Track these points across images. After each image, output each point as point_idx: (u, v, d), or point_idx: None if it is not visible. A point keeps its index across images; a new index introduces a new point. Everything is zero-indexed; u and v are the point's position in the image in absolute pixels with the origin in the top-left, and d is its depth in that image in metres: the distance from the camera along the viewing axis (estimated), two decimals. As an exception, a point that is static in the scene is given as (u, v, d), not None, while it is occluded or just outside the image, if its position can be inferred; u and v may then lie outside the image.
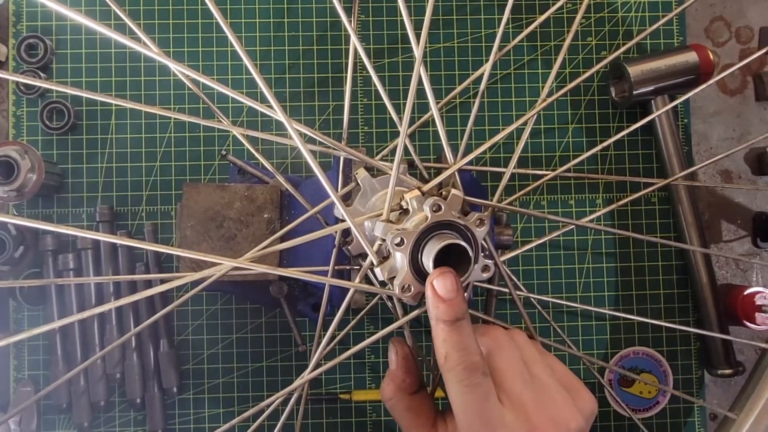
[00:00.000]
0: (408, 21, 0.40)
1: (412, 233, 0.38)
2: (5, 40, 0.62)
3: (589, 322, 0.64)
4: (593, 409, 0.41)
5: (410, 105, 0.39)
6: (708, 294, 0.63)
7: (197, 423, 0.61)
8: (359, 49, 0.41)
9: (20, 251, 0.58)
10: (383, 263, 0.40)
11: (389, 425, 0.62)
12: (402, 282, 0.39)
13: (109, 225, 0.61)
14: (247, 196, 0.51)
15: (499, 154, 0.65)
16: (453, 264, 0.38)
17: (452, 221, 0.39)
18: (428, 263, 0.38)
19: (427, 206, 0.38)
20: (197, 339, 0.62)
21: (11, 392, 0.60)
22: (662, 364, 0.64)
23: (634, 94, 0.61)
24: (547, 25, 0.66)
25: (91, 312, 0.37)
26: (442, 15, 0.65)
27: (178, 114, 0.38)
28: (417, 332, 0.63)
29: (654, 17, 0.67)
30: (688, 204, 0.63)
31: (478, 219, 0.39)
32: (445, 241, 0.37)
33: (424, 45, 0.40)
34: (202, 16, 0.64)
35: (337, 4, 0.40)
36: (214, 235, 0.50)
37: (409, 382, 0.42)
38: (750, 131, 0.67)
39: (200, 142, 0.63)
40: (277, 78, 0.64)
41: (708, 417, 0.65)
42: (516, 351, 0.41)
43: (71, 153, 0.62)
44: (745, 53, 0.68)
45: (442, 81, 0.65)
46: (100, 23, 0.34)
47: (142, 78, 0.63)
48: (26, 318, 0.61)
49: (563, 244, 0.65)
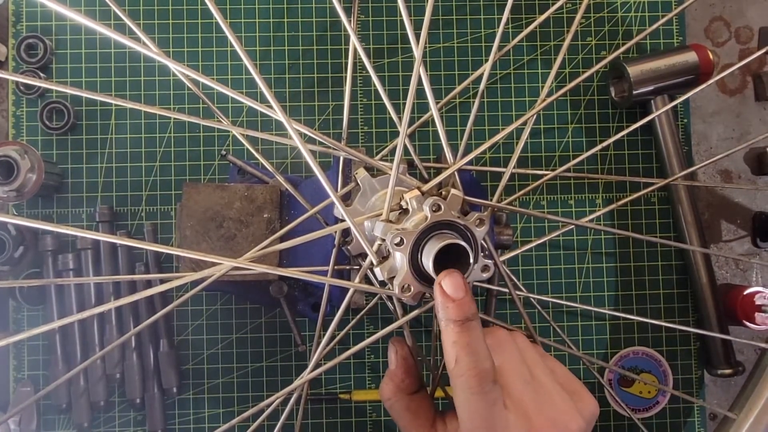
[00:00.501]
0: (408, 21, 0.40)
1: (411, 233, 0.38)
2: (5, 40, 0.62)
3: (589, 322, 0.64)
4: (594, 412, 0.41)
5: (410, 105, 0.39)
6: (708, 294, 0.63)
7: (197, 423, 0.61)
8: (359, 49, 0.41)
9: (20, 251, 0.58)
10: (383, 263, 0.40)
11: (389, 425, 0.62)
12: (402, 282, 0.39)
13: (108, 225, 0.61)
14: (247, 196, 0.51)
15: (498, 154, 0.65)
16: (453, 264, 0.38)
17: (452, 221, 0.39)
18: (428, 263, 0.38)
19: (427, 206, 0.38)
20: (197, 339, 0.62)
21: (11, 392, 0.60)
22: (662, 364, 0.64)
23: (634, 94, 0.61)
24: (547, 25, 0.66)
25: (90, 312, 0.37)
26: (442, 15, 0.65)
27: (178, 114, 0.38)
28: (417, 332, 0.63)
29: (654, 17, 0.67)
30: (688, 204, 0.63)
31: (478, 219, 0.39)
32: (445, 240, 0.37)
33: (424, 45, 0.40)
34: (202, 16, 0.64)
35: (337, 4, 0.40)
36: (213, 235, 0.50)
37: (408, 383, 0.42)
38: (750, 131, 0.67)
39: (200, 142, 0.63)
40: (277, 78, 0.64)
41: (708, 417, 0.65)
42: (518, 352, 0.41)
43: (71, 153, 0.62)
44: (745, 53, 0.68)
45: (442, 81, 0.65)
46: (99, 23, 0.34)
47: (141, 78, 0.63)
48: (26, 318, 0.61)
49: (563, 244, 0.65)
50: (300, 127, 0.39)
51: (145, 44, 0.39)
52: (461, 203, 0.40)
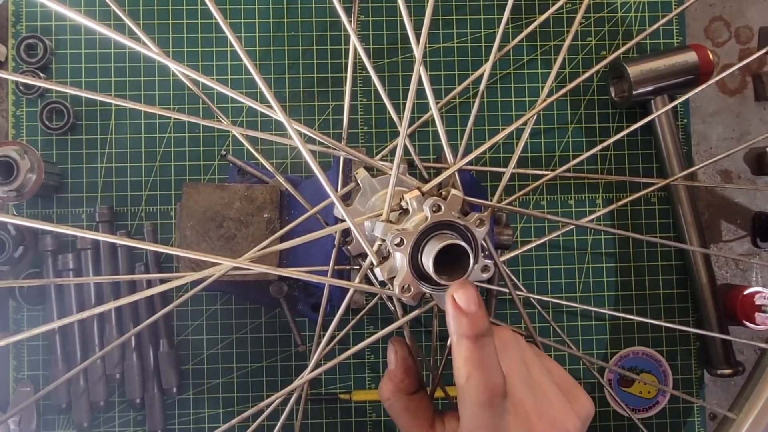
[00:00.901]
0: (408, 21, 0.40)
1: (411, 233, 0.38)
2: (5, 40, 0.62)
3: (588, 322, 0.64)
4: (590, 411, 0.40)
5: (410, 105, 0.39)
6: (708, 294, 0.63)
7: (197, 423, 0.61)
8: (359, 49, 0.41)
9: (20, 251, 0.58)
10: (383, 263, 0.40)
11: (389, 425, 0.62)
12: (402, 282, 0.39)
13: (108, 225, 0.61)
14: (247, 196, 0.51)
15: (498, 154, 0.65)
16: (452, 265, 0.38)
17: (452, 221, 0.39)
18: (428, 263, 0.38)
19: (427, 206, 0.38)
20: (197, 339, 0.62)
21: (11, 392, 0.60)
22: (662, 364, 0.64)
23: (634, 94, 0.61)
24: (547, 25, 0.66)
25: (90, 312, 0.37)
26: (442, 15, 0.65)
27: (178, 114, 0.38)
28: (417, 332, 0.63)
29: (654, 17, 0.66)
30: (688, 204, 0.63)
31: (478, 219, 0.39)
32: (446, 241, 0.37)
33: (425, 45, 0.40)
34: (201, 16, 0.64)
35: (337, 4, 0.40)
36: (213, 235, 0.50)
37: (407, 383, 0.42)
38: (749, 131, 0.67)
39: (200, 142, 0.63)
40: (277, 78, 0.64)
41: (708, 417, 0.65)
42: (519, 353, 0.41)
43: (71, 153, 0.62)
44: (745, 53, 0.68)
45: (442, 81, 0.65)
46: (99, 23, 0.34)
47: (141, 78, 0.63)
48: (26, 318, 0.61)
49: (563, 244, 0.65)
50: (300, 127, 0.39)
51: (145, 44, 0.39)
52: (461, 203, 0.40)
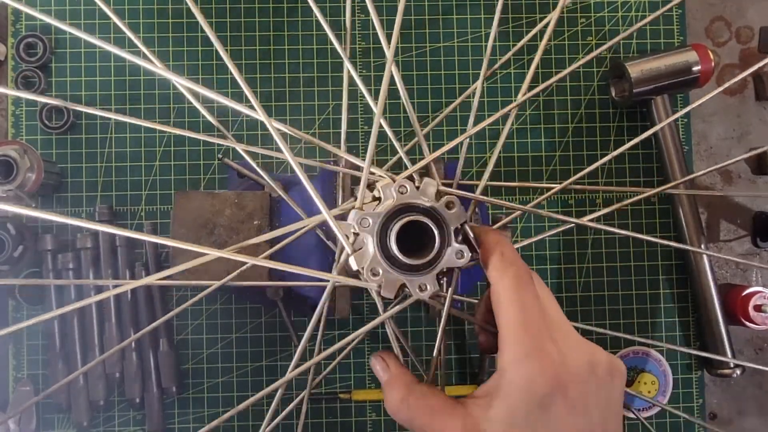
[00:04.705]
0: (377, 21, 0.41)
1: (378, 214, 0.39)
2: (4, 39, 0.62)
3: (589, 322, 0.64)
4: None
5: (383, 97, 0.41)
6: (708, 294, 0.63)
7: (196, 423, 0.61)
8: (354, 75, 0.42)
9: (19, 251, 0.58)
10: (357, 253, 0.40)
11: (389, 425, 0.62)
12: (370, 265, 0.39)
13: (108, 224, 0.61)
14: (237, 203, 0.52)
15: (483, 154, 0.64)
16: (423, 249, 0.39)
17: (417, 203, 0.39)
18: (393, 242, 0.38)
19: (395, 189, 0.39)
20: (196, 339, 0.62)
21: (10, 392, 0.60)
22: (662, 364, 0.64)
23: (634, 93, 0.61)
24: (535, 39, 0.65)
25: (90, 300, 0.38)
26: (443, 15, 0.65)
27: (177, 129, 0.39)
28: (416, 332, 0.63)
29: (654, 17, 0.66)
30: (688, 204, 0.63)
31: (447, 201, 0.40)
32: (408, 218, 0.38)
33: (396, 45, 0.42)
34: (201, 28, 0.64)
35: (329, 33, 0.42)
36: (205, 242, 0.51)
37: (411, 377, 0.40)
38: (750, 131, 0.67)
39: (199, 141, 0.63)
40: (277, 78, 0.64)
41: (708, 417, 0.65)
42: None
43: (70, 152, 0.62)
44: (745, 53, 0.68)
45: (443, 81, 0.65)
46: (99, 38, 0.34)
47: (141, 78, 0.63)
48: (25, 317, 0.61)
49: (563, 244, 0.65)
50: (284, 128, 0.39)
51: (147, 58, 0.40)
52: (435, 192, 0.40)
